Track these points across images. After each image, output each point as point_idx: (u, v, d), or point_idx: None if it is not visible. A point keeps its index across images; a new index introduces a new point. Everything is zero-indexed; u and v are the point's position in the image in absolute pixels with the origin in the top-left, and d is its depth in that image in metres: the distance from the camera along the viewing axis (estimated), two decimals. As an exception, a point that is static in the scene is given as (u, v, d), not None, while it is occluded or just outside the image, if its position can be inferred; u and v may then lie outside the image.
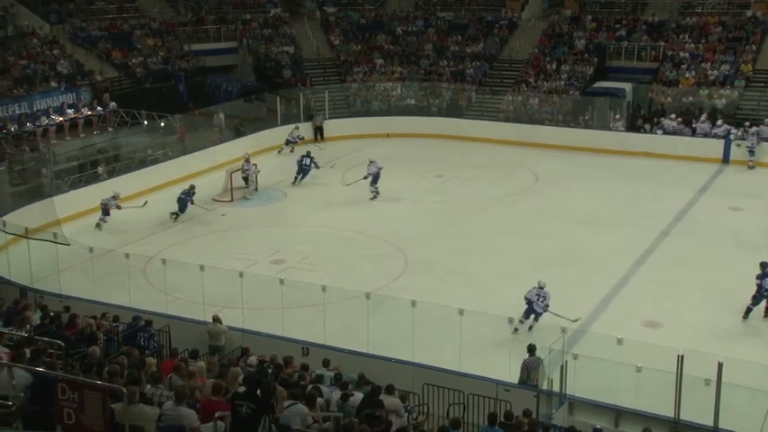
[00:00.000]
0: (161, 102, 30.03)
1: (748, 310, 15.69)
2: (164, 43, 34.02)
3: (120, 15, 34.76)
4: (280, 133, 29.37)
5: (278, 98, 30.35)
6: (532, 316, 15.10)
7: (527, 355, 12.35)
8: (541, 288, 15.17)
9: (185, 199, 21.88)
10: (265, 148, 27.22)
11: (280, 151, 28.47)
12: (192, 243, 20.10)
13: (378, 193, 23.33)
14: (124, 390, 7.14)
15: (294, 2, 39.37)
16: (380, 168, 23.35)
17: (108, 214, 21.29)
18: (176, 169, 25.21)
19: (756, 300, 15.62)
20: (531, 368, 12.23)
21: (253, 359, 12.32)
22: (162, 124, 28.00)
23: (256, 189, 24.28)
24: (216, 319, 14.17)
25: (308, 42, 36.02)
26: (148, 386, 9.05)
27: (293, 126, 29.21)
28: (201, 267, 15.27)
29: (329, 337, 14.02)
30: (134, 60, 32.29)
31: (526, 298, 15.09)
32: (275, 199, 23.99)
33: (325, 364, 12.32)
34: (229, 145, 27.57)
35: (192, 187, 22.19)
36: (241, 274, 15.03)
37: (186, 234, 20.94)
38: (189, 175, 25.18)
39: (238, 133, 29.21)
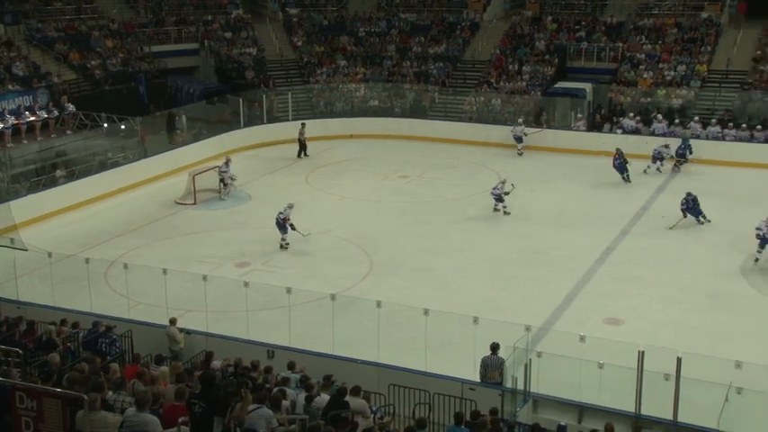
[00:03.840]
0: (121, 104, 29.59)
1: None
2: (123, 45, 33.53)
3: (77, 16, 34.11)
4: (242, 135, 29.16)
5: (240, 100, 30.14)
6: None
7: (489, 353, 12.42)
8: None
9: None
10: (228, 151, 26.98)
11: (645, 170, 25.64)
12: (154, 246, 19.86)
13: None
14: (85, 396, 7.02)
15: (256, 3, 39.12)
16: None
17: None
18: (137, 172, 24.94)
19: None
20: (488, 366, 12.31)
21: (217, 363, 12.20)
22: (122, 127, 27.63)
23: (228, 192, 24.02)
24: (172, 322, 14.01)
25: (271, 44, 35.82)
26: (110, 393, 8.92)
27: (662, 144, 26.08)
28: (164, 271, 15.10)
29: (294, 340, 13.97)
30: (93, 62, 31.75)
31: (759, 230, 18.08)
32: (240, 201, 23.82)
33: (291, 366, 12.26)
34: (191, 148, 27.34)
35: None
36: (205, 278, 14.91)
37: (149, 237, 20.68)
38: (150, 178, 24.98)
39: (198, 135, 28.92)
